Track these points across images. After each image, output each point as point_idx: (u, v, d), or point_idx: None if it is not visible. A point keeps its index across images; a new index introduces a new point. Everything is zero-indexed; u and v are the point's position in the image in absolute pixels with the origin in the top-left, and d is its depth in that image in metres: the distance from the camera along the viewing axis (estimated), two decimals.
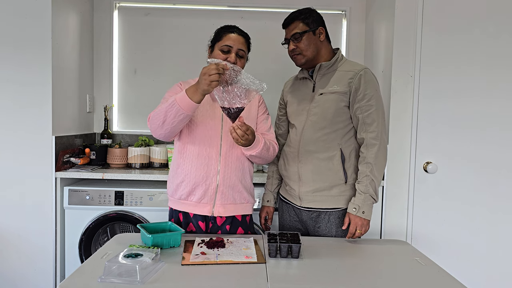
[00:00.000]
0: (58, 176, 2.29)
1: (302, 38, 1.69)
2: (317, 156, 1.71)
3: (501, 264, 2.31)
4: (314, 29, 1.71)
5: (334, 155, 1.69)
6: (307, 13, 1.72)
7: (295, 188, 1.77)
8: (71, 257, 2.34)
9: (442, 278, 1.29)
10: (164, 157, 2.60)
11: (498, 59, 2.25)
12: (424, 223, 2.30)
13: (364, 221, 1.63)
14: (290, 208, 1.83)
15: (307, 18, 1.70)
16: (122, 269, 1.20)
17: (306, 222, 1.78)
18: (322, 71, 1.74)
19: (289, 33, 1.72)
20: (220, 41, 1.65)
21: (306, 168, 1.73)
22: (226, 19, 2.82)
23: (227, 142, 1.66)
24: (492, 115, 2.27)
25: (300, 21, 1.70)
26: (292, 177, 1.78)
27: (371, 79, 1.69)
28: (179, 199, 1.69)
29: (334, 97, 1.68)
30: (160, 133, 1.60)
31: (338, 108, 1.68)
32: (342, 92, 1.68)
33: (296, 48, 1.71)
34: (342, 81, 1.69)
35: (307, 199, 1.73)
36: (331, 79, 1.72)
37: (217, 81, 1.44)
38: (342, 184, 1.70)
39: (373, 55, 2.65)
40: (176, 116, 1.52)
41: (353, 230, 1.62)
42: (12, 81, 2.25)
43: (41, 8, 2.22)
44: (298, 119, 1.77)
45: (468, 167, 2.29)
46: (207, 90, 1.46)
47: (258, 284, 1.19)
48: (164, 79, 2.89)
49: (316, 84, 1.75)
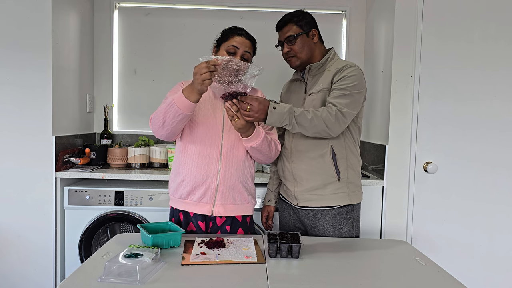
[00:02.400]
0: (58, 176, 2.29)
1: (296, 41, 1.71)
2: (308, 155, 1.72)
3: (501, 264, 2.31)
4: (308, 31, 1.72)
5: (325, 153, 1.70)
6: (299, 16, 1.72)
7: (291, 189, 1.78)
8: (71, 257, 2.34)
9: (442, 278, 1.29)
10: (164, 157, 2.60)
11: (498, 58, 2.25)
12: (424, 223, 2.30)
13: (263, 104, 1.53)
14: (289, 207, 1.84)
15: (300, 21, 1.71)
16: (122, 269, 1.20)
17: (304, 221, 1.79)
18: (313, 72, 1.76)
19: (283, 36, 1.73)
20: (226, 42, 1.66)
21: (299, 167, 1.74)
22: (226, 19, 2.82)
23: (228, 142, 1.66)
24: (492, 115, 2.27)
25: (294, 24, 1.71)
26: (288, 178, 1.79)
27: (355, 72, 1.65)
28: (180, 198, 1.69)
29: (320, 95, 1.70)
30: (162, 134, 1.62)
31: (324, 105, 1.68)
32: (326, 89, 1.69)
33: (290, 50, 1.72)
34: (327, 79, 1.70)
35: (303, 198, 1.75)
36: (319, 79, 1.73)
37: (210, 79, 1.45)
38: (335, 182, 1.71)
39: (373, 55, 2.65)
40: (175, 117, 1.53)
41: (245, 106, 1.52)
42: (12, 81, 2.25)
43: (41, 8, 2.22)
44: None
45: (468, 167, 2.29)
46: (202, 89, 1.47)
47: (258, 284, 1.19)
48: (164, 79, 2.89)
49: (308, 85, 1.77)
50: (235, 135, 1.67)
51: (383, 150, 2.32)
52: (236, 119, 1.53)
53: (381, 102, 2.46)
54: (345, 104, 1.61)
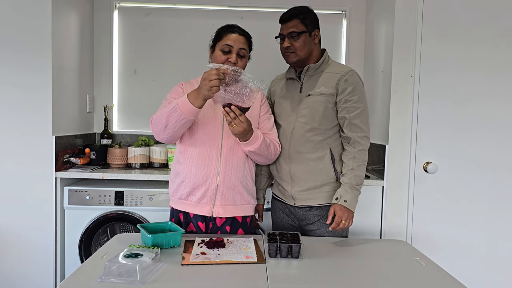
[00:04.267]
0: (58, 176, 2.29)
1: (298, 38, 1.70)
2: (307, 156, 1.74)
3: (501, 264, 2.31)
4: (311, 31, 1.73)
5: (324, 155, 1.73)
6: (306, 13, 1.73)
7: (288, 189, 1.79)
8: (71, 257, 2.34)
9: (442, 278, 1.29)
10: (164, 157, 2.60)
11: (498, 59, 2.25)
12: (424, 223, 2.30)
13: (348, 211, 1.63)
14: (284, 206, 1.85)
15: (306, 19, 1.72)
16: (122, 269, 1.20)
17: (299, 219, 1.80)
18: (310, 72, 1.76)
19: (286, 30, 1.73)
20: (220, 41, 1.65)
21: (297, 168, 1.75)
22: (226, 19, 2.80)
23: (228, 143, 1.66)
24: (492, 114, 2.27)
25: (299, 20, 1.71)
26: (284, 178, 1.80)
27: (357, 81, 1.73)
28: (179, 199, 1.69)
29: (322, 99, 1.71)
30: (163, 137, 1.62)
31: (326, 109, 1.71)
32: (330, 93, 1.71)
33: (291, 46, 1.72)
34: (329, 83, 1.72)
35: (300, 198, 1.76)
36: (318, 81, 1.74)
37: (218, 87, 1.45)
38: (333, 182, 1.74)
39: (373, 55, 2.65)
40: (178, 121, 1.53)
41: (338, 220, 1.61)
42: (12, 81, 2.25)
43: (41, 8, 2.22)
44: (287, 120, 1.79)
45: (468, 167, 2.29)
46: (208, 96, 1.48)
47: (258, 284, 1.19)
48: (164, 79, 2.89)
49: (304, 85, 1.77)
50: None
51: (383, 150, 2.32)
52: (234, 125, 1.53)
53: (381, 102, 2.46)
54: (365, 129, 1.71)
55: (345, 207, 1.62)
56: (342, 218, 1.62)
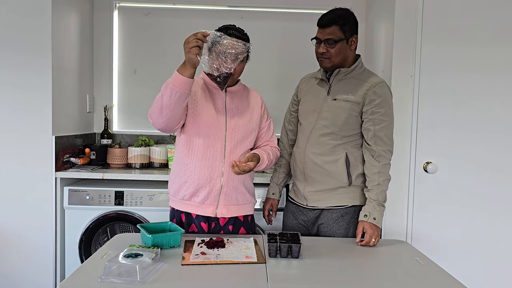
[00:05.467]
0: (58, 176, 2.29)
1: (335, 45, 1.67)
2: (322, 158, 1.73)
3: (501, 264, 2.31)
4: (348, 38, 1.69)
5: (339, 159, 1.72)
6: (346, 18, 1.69)
7: (301, 188, 1.79)
8: (71, 257, 2.34)
9: (442, 278, 1.29)
10: (164, 157, 2.60)
11: (498, 59, 2.25)
12: (424, 223, 2.30)
13: (377, 229, 1.63)
14: (296, 208, 1.84)
15: (345, 25, 1.67)
16: (122, 269, 1.20)
17: (310, 221, 1.79)
18: (340, 76, 1.73)
19: (324, 36, 1.68)
20: None
21: (311, 169, 1.75)
22: (226, 19, 2.79)
23: (231, 142, 1.66)
24: (492, 114, 2.27)
25: (338, 27, 1.67)
26: (299, 177, 1.81)
27: (387, 94, 1.71)
28: (182, 199, 1.68)
29: (347, 105, 1.69)
30: (162, 121, 1.55)
31: (350, 116, 1.69)
32: (356, 102, 1.69)
33: (327, 52, 1.68)
34: (358, 91, 1.69)
35: (312, 199, 1.76)
36: (347, 86, 1.72)
37: (197, 46, 1.45)
38: (346, 186, 1.73)
39: (373, 55, 2.65)
40: (172, 96, 1.50)
41: (369, 239, 1.61)
42: (12, 81, 2.25)
43: (41, 8, 2.22)
44: (308, 120, 1.79)
45: (468, 167, 2.28)
46: (191, 59, 1.46)
47: (258, 284, 1.19)
48: (164, 79, 2.80)
49: (332, 88, 1.75)
50: (237, 136, 1.66)
51: None
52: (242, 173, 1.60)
53: None
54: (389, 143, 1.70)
55: (374, 225, 1.62)
56: (373, 237, 1.61)
